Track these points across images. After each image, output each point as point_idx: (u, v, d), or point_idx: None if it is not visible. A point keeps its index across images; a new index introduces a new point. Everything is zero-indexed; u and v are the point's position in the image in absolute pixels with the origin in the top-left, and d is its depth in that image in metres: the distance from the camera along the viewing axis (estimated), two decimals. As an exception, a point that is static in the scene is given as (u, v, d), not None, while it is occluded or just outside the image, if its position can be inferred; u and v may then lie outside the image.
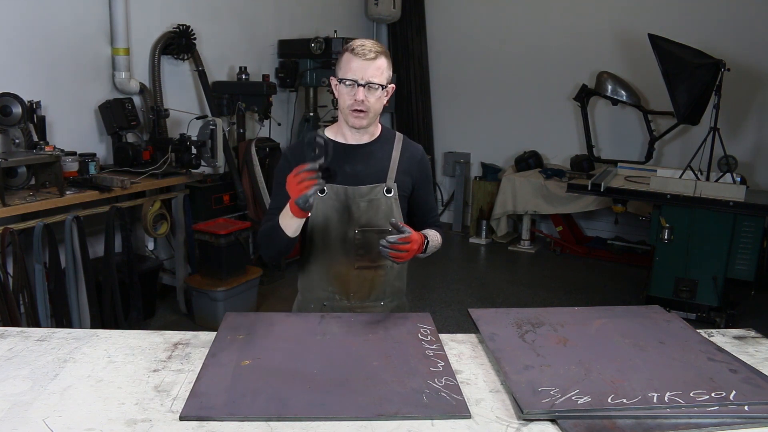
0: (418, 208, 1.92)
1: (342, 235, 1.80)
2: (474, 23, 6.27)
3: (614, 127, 5.83)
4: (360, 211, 1.79)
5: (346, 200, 1.78)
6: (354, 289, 1.84)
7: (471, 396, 1.32)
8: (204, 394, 1.28)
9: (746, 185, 4.19)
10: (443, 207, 6.75)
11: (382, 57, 1.71)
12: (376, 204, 1.79)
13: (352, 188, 1.78)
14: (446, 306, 4.42)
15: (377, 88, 1.70)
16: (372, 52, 1.68)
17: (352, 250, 1.80)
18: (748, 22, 5.10)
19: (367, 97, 1.70)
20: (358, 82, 1.68)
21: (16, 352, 1.47)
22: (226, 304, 3.77)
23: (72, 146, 3.53)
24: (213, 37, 4.59)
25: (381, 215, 1.80)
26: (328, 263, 1.83)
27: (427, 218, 1.94)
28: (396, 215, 1.81)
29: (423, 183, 1.89)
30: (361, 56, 1.68)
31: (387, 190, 1.80)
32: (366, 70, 1.68)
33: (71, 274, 3.21)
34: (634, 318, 1.72)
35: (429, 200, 1.94)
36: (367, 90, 1.69)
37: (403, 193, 1.84)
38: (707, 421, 1.22)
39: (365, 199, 1.78)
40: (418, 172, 1.87)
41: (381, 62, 1.70)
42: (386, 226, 1.77)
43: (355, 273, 1.82)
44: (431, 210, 1.96)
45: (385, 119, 6.86)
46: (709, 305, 4.08)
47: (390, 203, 1.81)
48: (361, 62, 1.68)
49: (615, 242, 5.53)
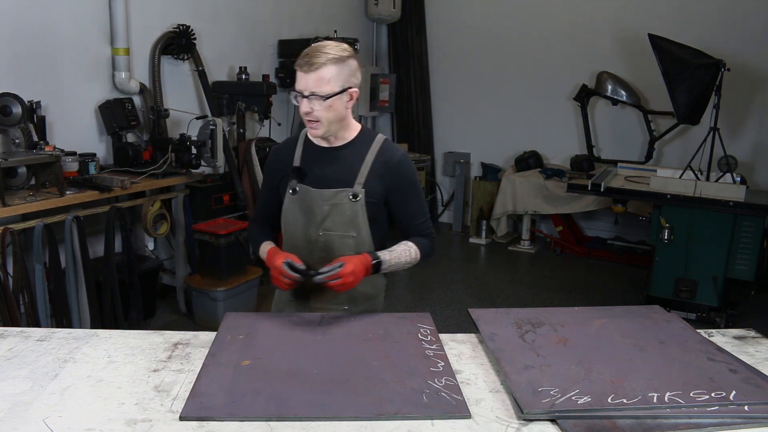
0: (397, 215, 1.84)
1: (306, 236, 1.80)
2: (474, 23, 6.27)
3: (614, 127, 5.83)
4: (323, 214, 1.77)
5: (310, 202, 1.78)
6: (314, 291, 1.83)
7: (471, 396, 1.32)
8: (204, 394, 1.28)
9: (746, 185, 4.19)
10: (443, 207, 6.75)
11: (329, 65, 1.63)
12: (340, 208, 1.76)
13: (317, 190, 1.77)
14: (446, 306, 4.42)
15: (321, 98, 1.65)
16: (314, 62, 1.62)
17: (315, 252, 1.80)
18: (748, 22, 5.10)
19: (313, 108, 1.66)
20: (302, 93, 1.66)
21: (16, 352, 1.47)
22: (226, 304, 3.76)
23: (72, 146, 3.53)
24: (213, 37, 4.59)
25: (344, 220, 1.77)
26: None
27: (409, 226, 1.86)
28: (361, 221, 1.77)
29: (400, 189, 1.80)
30: (304, 68, 1.64)
31: (353, 195, 1.75)
32: (308, 82, 1.64)
33: (71, 274, 3.21)
34: (634, 318, 1.72)
35: (409, 207, 1.84)
36: (312, 101, 1.65)
37: (372, 199, 1.77)
38: (707, 421, 1.22)
39: (328, 202, 1.76)
40: (393, 178, 1.78)
41: (325, 71, 1.63)
42: (350, 231, 1.77)
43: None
44: (414, 217, 1.85)
45: (385, 119, 6.87)
46: (709, 305, 4.08)
47: (355, 209, 1.76)
48: (302, 74, 1.65)
49: (615, 242, 5.53)
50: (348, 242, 1.78)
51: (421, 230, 1.87)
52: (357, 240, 1.78)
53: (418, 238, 1.86)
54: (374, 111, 6.48)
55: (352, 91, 1.71)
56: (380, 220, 1.82)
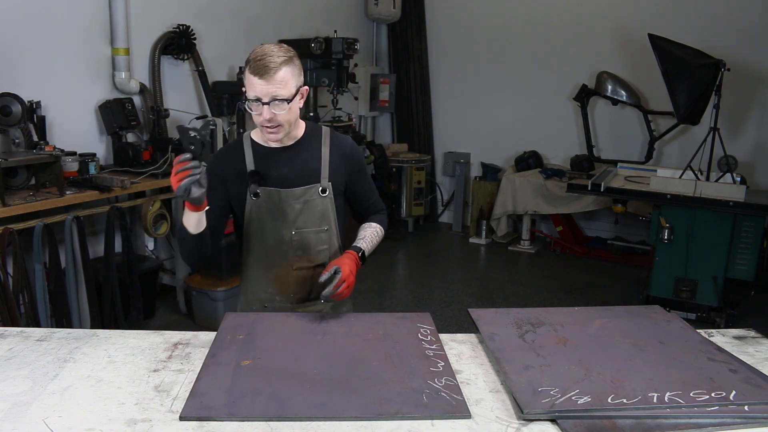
0: (356, 198, 1.93)
1: (278, 237, 1.79)
2: (474, 23, 6.27)
3: (614, 127, 5.83)
4: (295, 213, 1.78)
5: (279, 202, 1.77)
6: (294, 290, 1.84)
7: (471, 396, 1.32)
8: (204, 394, 1.28)
9: (746, 185, 4.19)
10: (443, 207, 6.75)
11: (284, 67, 1.62)
12: (311, 205, 1.79)
13: (287, 190, 1.77)
14: (446, 306, 4.42)
15: (282, 102, 1.63)
16: (270, 67, 1.59)
17: (289, 251, 1.80)
18: (748, 22, 5.10)
19: (275, 114, 1.64)
20: (262, 100, 1.63)
21: (16, 352, 1.47)
22: (226, 304, 3.77)
23: (72, 146, 3.53)
24: (213, 37, 4.59)
25: (317, 216, 1.80)
26: (266, 266, 1.83)
27: (366, 207, 1.95)
28: (331, 215, 1.82)
29: (356, 175, 1.88)
30: (260, 73, 1.60)
31: (322, 190, 1.80)
32: (267, 88, 1.61)
33: (71, 274, 3.21)
34: (634, 318, 1.71)
35: (364, 190, 1.93)
36: (273, 106, 1.63)
37: (337, 191, 1.84)
38: (707, 421, 1.22)
39: (300, 200, 1.78)
40: (349, 166, 1.85)
41: (282, 74, 1.61)
42: (323, 226, 1.81)
43: (294, 274, 1.82)
44: (369, 198, 1.95)
45: (385, 119, 6.87)
46: (709, 305, 4.08)
47: (325, 203, 1.81)
48: (260, 80, 1.60)
49: (615, 242, 5.53)
50: (322, 236, 1.83)
51: (376, 208, 1.98)
52: (329, 233, 1.83)
53: (374, 216, 1.96)
54: (374, 111, 6.49)
55: (303, 90, 1.71)
56: (342, 210, 1.88)
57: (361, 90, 6.13)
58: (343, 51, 4.95)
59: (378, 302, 4.40)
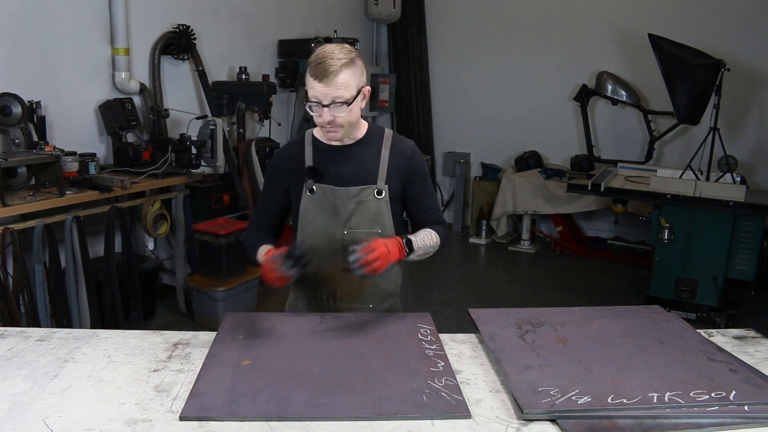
0: (413, 204, 1.87)
1: (330, 235, 1.78)
2: (474, 23, 6.27)
3: (614, 127, 5.83)
4: (348, 212, 1.77)
5: (334, 200, 1.76)
6: (341, 290, 1.83)
7: (471, 396, 1.32)
8: (204, 394, 1.28)
9: (746, 185, 4.19)
10: (443, 207, 6.75)
11: (344, 70, 1.60)
12: (365, 206, 1.77)
13: (342, 189, 1.76)
14: (446, 306, 4.42)
15: (342, 105, 1.63)
16: (330, 70, 1.59)
17: (340, 251, 1.78)
18: (748, 22, 5.10)
19: (335, 116, 1.64)
20: (322, 103, 1.62)
21: (16, 352, 1.47)
22: (226, 304, 3.77)
23: (72, 146, 3.53)
24: (213, 37, 4.59)
25: (370, 217, 1.78)
26: (316, 263, 1.79)
27: (425, 216, 1.88)
28: (386, 218, 1.79)
29: (415, 180, 1.83)
30: (320, 77, 1.59)
31: (378, 192, 1.77)
32: (327, 90, 1.60)
33: (71, 274, 3.21)
34: (634, 318, 1.72)
35: (423, 196, 1.87)
36: (333, 109, 1.63)
37: (394, 195, 1.80)
38: (707, 421, 1.22)
39: (354, 200, 1.76)
40: (408, 170, 1.82)
41: (343, 77, 1.60)
42: (375, 228, 1.77)
43: (342, 274, 1.80)
44: (429, 207, 1.88)
45: (385, 119, 6.86)
46: (709, 305, 4.08)
47: (380, 205, 1.78)
48: (318, 83, 1.60)
49: (615, 242, 5.53)
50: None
51: (436, 220, 1.89)
52: (382, 236, 1.76)
53: (434, 226, 1.87)
54: (374, 111, 6.48)
55: (364, 90, 1.70)
56: (398, 215, 1.85)
57: (367, 86, 6.12)
58: (343, 51, 4.95)
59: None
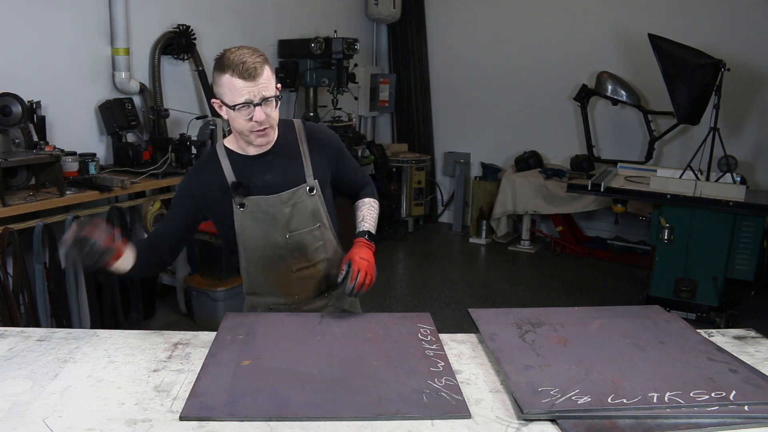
0: (343, 181, 1.92)
1: (273, 242, 1.77)
2: (474, 23, 6.27)
3: (614, 127, 5.83)
4: (286, 217, 1.76)
5: (269, 209, 1.74)
6: (297, 290, 1.84)
7: (471, 396, 1.32)
8: (204, 394, 1.28)
9: (746, 185, 4.19)
10: (443, 207, 6.75)
11: (266, 67, 1.59)
12: (301, 206, 1.77)
13: (275, 196, 1.74)
14: (446, 306, 4.42)
15: (271, 100, 1.61)
16: (256, 68, 1.56)
17: (287, 254, 1.79)
18: (748, 22, 5.10)
19: (268, 113, 1.61)
20: (253, 102, 1.58)
21: (16, 352, 1.47)
22: (226, 304, 3.77)
23: (72, 146, 3.53)
24: (213, 37, 4.59)
25: (308, 215, 1.79)
26: (266, 272, 1.81)
27: (355, 184, 1.95)
28: (322, 211, 1.80)
29: (337, 160, 1.86)
30: (246, 76, 1.55)
31: (309, 189, 1.77)
32: (257, 89, 1.57)
33: (71, 274, 3.21)
34: (634, 318, 1.71)
35: (349, 170, 1.92)
36: (266, 106, 1.60)
37: (324, 185, 1.81)
38: (707, 421, 1.22)
39: (288, 204, 1.75)
40: (329, 154, 1.83)
41: (267, 72, 1.59)
42: (315, 224, 1.79)
43: (295, 276, 1.81)
44: (355, 176, 1.94)
45: (385, 119, 6.87)
46: (709, 305, 4.08)
47: (315, 202, 1.78)
48: (245, 82, 1.56)
49: (615, 242, 5.52)
50: (316, 234, 1.81)
51: (364, 183, 1.98)
52: (322, 229, 1.82)
53: (364, 190, 1.97)
54: (374, 111, 6.49)
55: (278, 87, 1.67)
56: (330, 199, 1.86)
57: (361, 90, 6.13)
58: (343, 51, 4.95)
59: (378, 302, 4.40)
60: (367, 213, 1.90)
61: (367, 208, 1.92)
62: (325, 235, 1.83)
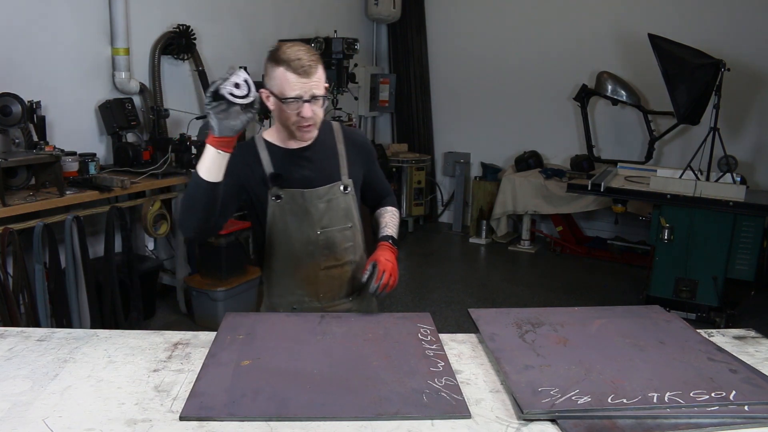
0: (371, 187, 1.96)
1: (304, 238, 1.79)
2: (474, 23, 6.27)
3: (614, 127, 5.83)
4: (320, 213, 1.78)
5: (303, 203, 1.76)
6: (323, 289, 1.85)
7: (471, 396, 1.32)
8: (204, 394, 1.27)
9: (746, 185, 4.19)
10: (443, 207, 6.75)
11: (320, 66, 1.64)
12: (335, 203, 1.80)
13: (311, 190, 1.76)
14: (446, 306, 4.42)
15: (320, 99, 1.65)
16: (312, 65, 1.60)
17: (316, 251, 1.80)
18: (748, 22, 5.10)
19: (315, 111, 1.65)
20: (303, 98, 1.62)
21: (16, 352, 1.47)
22: (226, 304, 3.77)
23: (72, 146, 3.53)
24: (213, 37, 4.59)
25: (341, 213, 1.81)
26: (294, 267, 1.82)
27: (379, 192, 2.00)
28: (353, 212, 1.84)
29: (370, 165, 1.92)
30: (301, 72, 1.60)
31: (344, 187, 1.81)
32: (309, 86, 1.61)
33: (71, 274, 3.21)
34: (634, 318, 1.71)
35: (379, 178, 1.98)
36: (314, 104, 1.64)
37: (357, 186, 1.86)
38: (707, 421, 1.22)
39: (323, 200, 1.78)
40: (364, 159, 1.89)
41: (320, 71, 1.64)
42: (347, 223, 1.83)
43: (322, 273, 1.83)
44: (382, 185, 2.00)
45: (385, 119, 6.87)
46: (709, 305, 4.08)
47: (348, 200, 1.82)
48: (299, 78, 1.60)
49: (615, 242, 5.53)
50: (347, 234, 1.84)
51: (387, 192, 2.04)
52: (353, 230, 1.85)
53: (386, 200, 2.02)
54: (374, 111, 6.49)
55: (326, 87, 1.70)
56: (358, 203, 1.90)
57: (361, 90, 6.13)
58: (343, 51, 4.95)
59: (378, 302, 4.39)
60: (390, 220, 1.94)
61: (390, 216, 1.96)
62: (356, 236, 1.86)
